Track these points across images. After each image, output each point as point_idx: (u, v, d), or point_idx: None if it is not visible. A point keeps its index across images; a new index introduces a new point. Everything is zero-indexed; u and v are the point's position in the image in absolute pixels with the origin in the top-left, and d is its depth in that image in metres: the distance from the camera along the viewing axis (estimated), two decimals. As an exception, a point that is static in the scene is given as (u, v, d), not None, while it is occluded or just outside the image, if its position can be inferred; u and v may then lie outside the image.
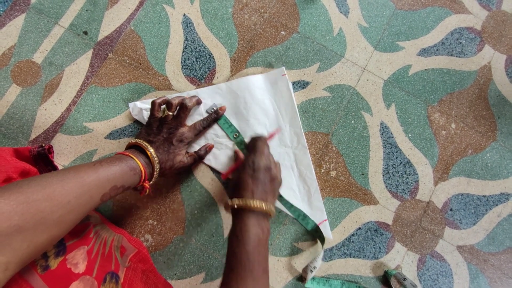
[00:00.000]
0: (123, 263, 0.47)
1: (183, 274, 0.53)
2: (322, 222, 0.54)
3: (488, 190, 0.58)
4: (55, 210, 0.32)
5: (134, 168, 0.42)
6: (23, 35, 0.57)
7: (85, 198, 0.35)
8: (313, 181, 0.55)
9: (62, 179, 0.34)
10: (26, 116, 0.55)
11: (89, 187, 0.36)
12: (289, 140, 0.56)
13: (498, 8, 0.63)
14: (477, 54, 0.61)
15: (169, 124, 0.49)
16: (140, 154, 0.45)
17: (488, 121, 0.59)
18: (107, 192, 0.38)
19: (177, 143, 0.49)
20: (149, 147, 0.46)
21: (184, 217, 0.55)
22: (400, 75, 0.60)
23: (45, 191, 0.32)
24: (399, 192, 0.57)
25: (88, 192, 0.36)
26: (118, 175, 0.40)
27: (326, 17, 0.61)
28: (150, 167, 0.45)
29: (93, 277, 0.40)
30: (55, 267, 0.37)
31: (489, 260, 0.56)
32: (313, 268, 0.51)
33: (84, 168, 0.37)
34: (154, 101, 0.50)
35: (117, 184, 0.39)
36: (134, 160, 0.43)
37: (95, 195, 0.37)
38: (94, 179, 0.37)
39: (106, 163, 0.40)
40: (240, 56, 0.59)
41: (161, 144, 0.48)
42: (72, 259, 0.39)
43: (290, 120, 0.56)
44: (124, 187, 0.41)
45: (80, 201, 0.34)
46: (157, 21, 0.59)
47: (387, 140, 0.58)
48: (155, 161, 0.45)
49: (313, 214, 0.54)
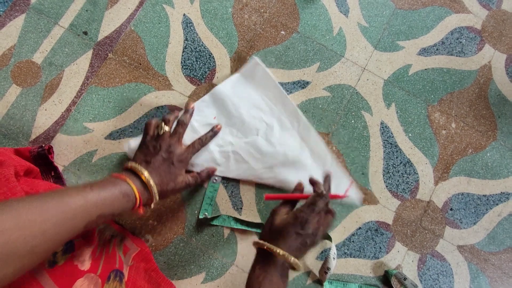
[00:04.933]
0: (126, 261, 0.48)
1: (184, 274, 0.53)
2: (349, 188, 0.54)
3: (489, 190, 0.57)
4: (28, 241, 0.28)
5: (127, 194, 0.39)
6: (23, 35, 0.57)
7: (66, 226, 0.31)
8: (326, 153, 0.55)
9: (41, 205, 0.30)
10: (26, 116, 0.55)
11: (72, 214, 0.32)
12: (290, 123, 0.56)
13: (498, 7, 0.63)
14: (477, 53, 0.61)
15: (167, 141, 0.46)
16: (137, 178, 0.42)
17: (488, 121, 0.59)
18: (93, 220, 0.35)
19: (177, 163, 0.46)
20: (143, 170, 0.42)
21: (184, 217, 0.55)
22: (400, 74, 0.60)
23: (19, 220, 0.28)
24: (399, 192, 0.57)
25: (70, 220, 0.32)
26: (108, 202, 0.36)
27: (326, 16, 0.61)
28: (147, 192, 0.42)
29: (98, 275, 0.40)
30: (62, 263, 0.37)
31: (489, 259, 0.56)
32: (327, 270, 0.50)
33: (71, 192, 0.34)
34: (148, 122, 0.47)
35: (105, 212, 0.36)
36: (129, 185, 0.39)
37: (79, 223, 0.33)
38: (80, 206, 0.33)
39: (97, 187, 0.36)
40: (240, 56, 0.59)
41: (160, 164, 0.44)
42: (79, 256, 0.39)
43: (282, 104, 0.56)
44: (114, 215, 0.37)
45: (59, 230, 0.31)
46: (157, 21, 0.59)
47: (387, 140, 0.58)
48: (151, 185, 0.41)
49: (337, 184, 0.53)
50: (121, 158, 0.55)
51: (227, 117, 0.55)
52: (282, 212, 0.43)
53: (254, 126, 0.55)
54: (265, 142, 0.54)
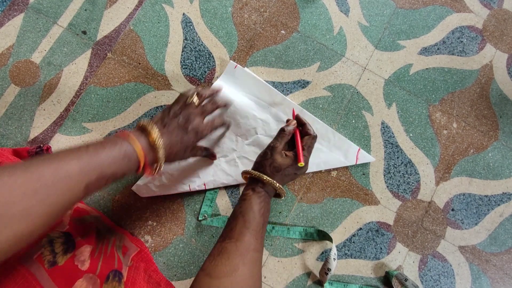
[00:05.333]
0: (125, 262, 0.47)
1: (183, 275, 0.53)
2: (357, 154, 0.55)
3: (490, 190, 0.57)
4: (16, 201, 0.27)
5: (128, 155, 0.36)
6: (22, 35, 0.57)
7: (59, 187, 0.30)
8: (326, 128, 0.55)
9: (29, 166, 0.29)
10: (25, 116, 0.55)
11: (65, 174, 0.31)
12: (282, 113, 0.56)
13: (499, 7, 0.63)
14: (478, 53, 0.61)
15: (190, 110, 0.44)
16: (145, 136, 0.39)
17: (490, 120, 0.59)
18: (92, 182, 0.33)
19: (191, 133, 0.44)
20: (154, 129, 0.40)
21: (183, 218, 0.54)
22: (401, 74, 0.60)
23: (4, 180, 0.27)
24: (400, 192, 0.56)
25: (64, 180, 0.31)
26: (106, 163, 0.34)
27: (326, 16, 0.61)
28: (153, 151, 0.39)
29: (96, 275, 0.40)
30: (63, 263, 0.36)
31: (491, 260, 0.55)
32: (327, 270, 0.50)
33: (65, 154, 0.32)
34: (183, 92, 0.46)
35: (105, 172, 0.34)
36: (130, 144, 0.37)
37: (75, 185, 0.31)
38: (73, 166, 0.31)
39: (93, 148, 0.34)
40: (240, 56, 0.59)
41: (174, 128, 0.42)
42: (80, 256, 0.39)
43: (269, 97, 0.56)
44: (116, 176, 0.35)
45: (52, 191, 0.29)
46: (156, 20, 0.59)
47: (388, 140, 0.57)
48: (157, 145, 0.39)
49: (345, 154, 0.55)
50: (120, 158, 0.55)
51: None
52: (280, 149, 0.45)
53: (250, 126, 0.55)
54: (266, 137, 0.55)
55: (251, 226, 0.39)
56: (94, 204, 0.53)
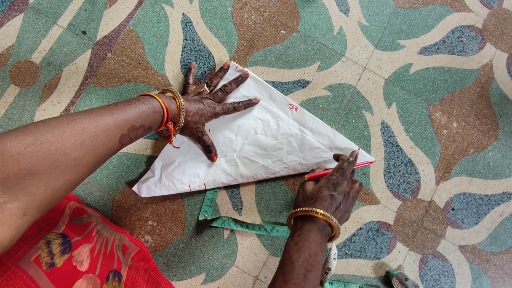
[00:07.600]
0: (125, 262, 0.47)
1: (183, 275, 0.53)
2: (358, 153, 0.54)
3: (490, 190, 0.57)
4: (68, 152, 0.30)
5: (154, 106, 0.40)
6: (22, 35, 0.57)
7: (101, 139, 0.33)
8: (326, 127, 0.55)
9: (72, 120, 0.32)
10: (25, 116, 0.55)
11: (104, 128, 0.34)
12: (282, 112, 0.56)
13: (499, 6, 0.63)
14: (478, 52, 0.61)
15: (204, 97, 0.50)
16: (165, 96, 0.43)
17: (490, 120, 0.59)
18: (126, 133, 0.36)
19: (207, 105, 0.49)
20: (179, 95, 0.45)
21: (183, 218, 0.54)
22: (401, 74, 0.60)
23: (55, 132, 0.30)
24: (400, 192, 0.56)
25: (104, 133, 0.34)
26: (136, 115, 0.38)
27: (326, 15, 0.61)
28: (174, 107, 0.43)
29: (96, 275, 0.40)
30: (61, 264, 0.36)
31: (491, 260, 0.55)
32: (328, 270, 0.50)
33: (97, 110, 0.35)
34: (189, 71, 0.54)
35: (135, 124, 0.37)
36: (155, 99, 0.41)
37: (112, 137, 0.35)
38: (109, 119, 0.35)
39: (121, 104, 0.38)
40: (240, 56, 0.59)
41: (192, 101, 0.48)
42: (78, 256, 0.39)
43: (269, 97, 0.56)
44: (145, 127, 0.39)
45: (95, 143, 0.33)
46: (156, 20, 0.59)
47: (388, 140, 0.57)
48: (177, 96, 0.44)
49: (346, 151, 0.55)
50: (120, 159, 0.55)
51: (221, 127, 0.55)
52: (310, 183, 0.45)
53: (250, 126, 0.55)
54: (266, 137, 0.54)
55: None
56: (94, 204, 0.53)
